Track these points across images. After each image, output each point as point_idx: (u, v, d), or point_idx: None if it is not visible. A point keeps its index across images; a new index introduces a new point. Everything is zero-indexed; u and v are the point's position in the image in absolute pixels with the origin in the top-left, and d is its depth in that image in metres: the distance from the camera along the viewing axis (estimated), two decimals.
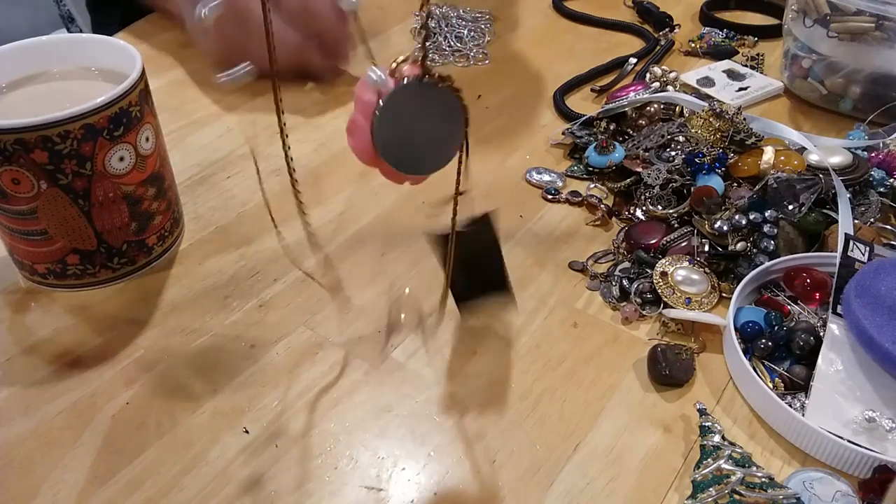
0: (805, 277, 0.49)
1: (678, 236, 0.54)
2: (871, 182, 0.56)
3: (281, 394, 0.45)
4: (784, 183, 0.53)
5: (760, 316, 0.47)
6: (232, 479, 0.40)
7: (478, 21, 0.86)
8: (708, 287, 0.50)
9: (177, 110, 0.71)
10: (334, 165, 0.64)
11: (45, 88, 0.52)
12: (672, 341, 0.48)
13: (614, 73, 0.77)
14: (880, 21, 0.64)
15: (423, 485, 0.40)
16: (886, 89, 0.66)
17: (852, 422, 0.41)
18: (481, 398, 0.45)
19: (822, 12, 0.67)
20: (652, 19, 0.86)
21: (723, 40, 0.82)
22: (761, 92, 0.73)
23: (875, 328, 0.43)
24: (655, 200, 0.57)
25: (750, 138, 0.59)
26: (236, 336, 0.49)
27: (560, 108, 0.71)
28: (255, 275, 0.53)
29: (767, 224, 0.52)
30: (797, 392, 0.44)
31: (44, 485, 0.40)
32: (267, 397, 0.45)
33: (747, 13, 0.88)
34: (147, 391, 0.45)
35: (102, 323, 0.49)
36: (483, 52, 0.81)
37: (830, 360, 0.44)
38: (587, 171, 0.62)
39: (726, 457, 0.39)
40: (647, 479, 0.40)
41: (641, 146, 0.61)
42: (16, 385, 0.46)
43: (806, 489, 0.39)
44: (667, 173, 0.57)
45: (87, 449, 0.42)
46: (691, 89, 0.72)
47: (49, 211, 0.47)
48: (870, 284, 0.45)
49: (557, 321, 0.50)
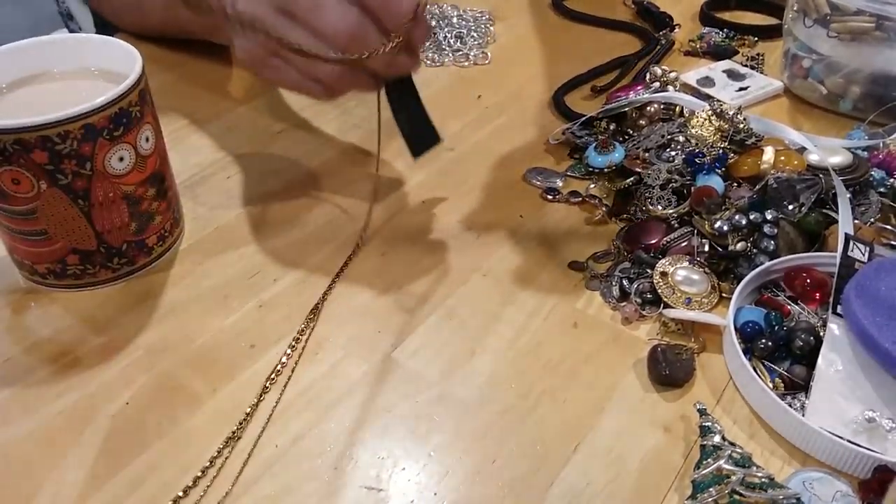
0: (805, 277, 0.49)
1: (678, 236, 0.54)
2: (871, 182, 0.56)
3: (281, 394, 0.45)
4: (784, 183, 0.53)
5: (760, 316, 0.47)
6: (232, 479, 0.40)
7: (478, 21, 0.86)
8: (708, 287, 0.50)
9: (177, 110, 0.71)
10: (332, 166, 0.64)
11: (45, 88, 0.52)
12: (672, 341, 0.48)
13: (614, 73, 0.77)
14: (880, 21, 0.64)
15: (423, 485, 0.40)
16: (886, 89, 0.66)
17: (852, 422, 0.41)
18: (481, 398, 0.45)
19: (823, 12, 0.67)
20: (652, 19, 0.86)
21: (723, 40, 0.82)
22: (761, 92, 0.73)
23: (875, 328, 0.43)
24: (655, 200, 0.57)
25: (750, 138, 0.59)
26: (236, 336, 0.49)
27: (560, 108, 0.71)
28: (255, 275, 0.53)
29: (767, 224, 0.52)
30: (797, 392, 0.44)
31: (44, 485, 0.40)
32: (267, 397, 0.45)
33: (747, 13, 0.88)
34: (147, 391, 0.45)
35: (102, 323, 0.49)
36: (483, 51, 0.81)
37: (830, 361, 0.44)
38: (587, 171, 0.62)
39: (726, 457, 0.39)
40: (647, 480, 0.40)
41: (641, 146, 0.61)
42: (16, 385, 0.46)
43: (806, 489, 0.39)
44: (667, 173, 0.57)
45: (87, 449, 0.42)
46: (691, 89, 0.72)
47: (49, 211, 0.47)
48: (870, 284, 0.45)
49: (557, 321, 0.50)
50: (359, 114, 0.70)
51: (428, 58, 0.80)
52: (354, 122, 0.69)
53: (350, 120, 0.69)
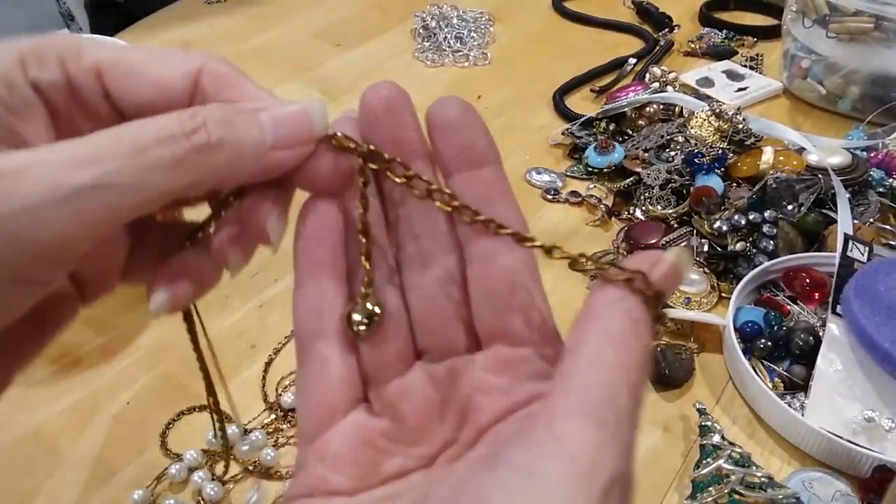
0: (804, 277, 0.49)
1: (678, 236, 0.54)
2: (870, 182, 0.56)
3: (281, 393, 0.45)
4: (783, 183, 0.53)
5: (760, 316, 0.47)
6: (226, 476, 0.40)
7: (478, 21, 0.87)
8: (707, 287, 0.51)
9: None
10: None
11: None
12: (672, 341, 0.48)
13: (614, 74, 0.77)
14: (879, 21, 0.64)
15: None
16: (885, 89, 0.66)
17: (851, 421, 0.41)
18: None
19: (822, 13, 0.67)
20: (651, 20, 0.86)
21: (722, 41, 0.82)
22: (760, 92, 0.73)
23: (874, 328, 0.43)
24: (655, 200, 0.57)
25: (749, 138, 0.59)
26: (237, 336, 0.49)
27: (560, 108, 0.71)
28: (255, 275, 0.53)
29: (767, 224, 0.52)
30: (796, 392, 0.44)
31: (44, 485, 0.40)
32: (268, 397, 0.45)
33: (746, 14, 0.88)
34: (147, 391, 0.45)
35: (102, 323, 0.49)
36: (483, 52, 0.81)
37: (830, 360, 0.44)
38: (587, 171, 0.62)
39: (726, 456, 0.39)
40: (647, 479, 0.40)
41: (641, 146, 0.61)
42: (16, 385, 0.45)
43: (805, 489, 0.39)
44: (666, 173, 0.57)
45: (87, 449, 0.42)
46: (691, 90, 0.72)
47: None
48: (869, 284, 0.45)
49: (557, 321, 0.50)
50: None
51: (428, 58, 0.80)
52: None
53: None
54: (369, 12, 0.91)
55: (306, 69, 0.79)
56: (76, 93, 0.21)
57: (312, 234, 0.22)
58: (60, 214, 0.18)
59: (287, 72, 0.78)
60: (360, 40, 0.84)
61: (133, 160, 0.18)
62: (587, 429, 0.18)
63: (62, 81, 0.21)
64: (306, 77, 0.77)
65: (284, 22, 0.88)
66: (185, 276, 0.23)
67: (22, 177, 0.18)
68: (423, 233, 0.23)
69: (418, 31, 0.85)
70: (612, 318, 0.20)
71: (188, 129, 0.19)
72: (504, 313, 0.23)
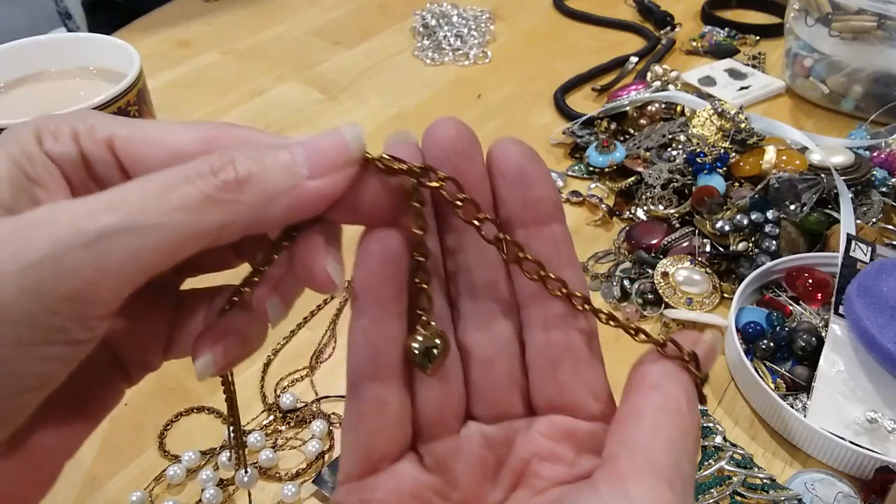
0: (807, 278, 0.49)
1: (679, 236, 0.54)
2: (873, 182, 0.56)
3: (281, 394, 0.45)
4: (786, 182, 0.53)
5: (762, 316, 0.47)
6: (232, 480, 0.40)
7: (478, 20, 0.86)
8: (709, 287, 0.50)
9: (175, 110, 0.70)
10: None
11: (43, 88, 0.51)
12: None
13: (615, 73, 0.77)
14: (882, 20, 0.64)
15: None
16: (888, 88, 0.65)
17: (854, 423, 0.41)
18: None
19: (824, 11, 0.67)
20: (653, 18, 0.86)
21: (724, 39, 0.82)
22: (763, 91, 0.72)
23: (877, 328, 0.42)
24: (656, 200, 0.57)
25: (751, 138, 0.58)
26: None
27: (560, 107, 0.71)
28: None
29: (769, 224, 0.51)
30: (799, 393, 0.44)
31: None
32: (266, 398, 0.44)
33: (749, 12, 0.88)
34: (147, 391, 0.45)
35: None
36: (483, 50, 0.81)
37: (832, 361, 0.44)
38: (588, 170, 0.62)
39: (728, 458, 0.39)
40: None
41: (642, 146, 0.61)
42: None
43: (808, 490, 0.39)
44: (668, 173, 0.57)
45: (86, 449, 0.42)
46: (692, 88, 0.72)
47: None
48: (872, 285, 0.45)
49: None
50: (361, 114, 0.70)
51: (428, 56, 0.80)
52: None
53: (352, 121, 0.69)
54: (369, 10, 0.91)
55: (305, 67, 0.78)
56: (90, 166, 0.21)
57: (375, 265, 0.21)
58: (84, 261, 0.17)
59: (286, 70, 0.77)
60: (360, 38, 0.84)
61: (159, 201, 0.18)
62: (660, 489, 0.18)
63: (76, 154, 0.20)
64: (305, 75, 0.77)
65: (283, 20, 0.88)
66: (228, 336, 0.22)
67: (44, 225, 0.17)
68: (481, 289, 0.22)
69: (418, 30, 0.85)
70: (670, 389, 0.20)
71: (215, 167, 0.18)
72: (568, 386, 0.22)
